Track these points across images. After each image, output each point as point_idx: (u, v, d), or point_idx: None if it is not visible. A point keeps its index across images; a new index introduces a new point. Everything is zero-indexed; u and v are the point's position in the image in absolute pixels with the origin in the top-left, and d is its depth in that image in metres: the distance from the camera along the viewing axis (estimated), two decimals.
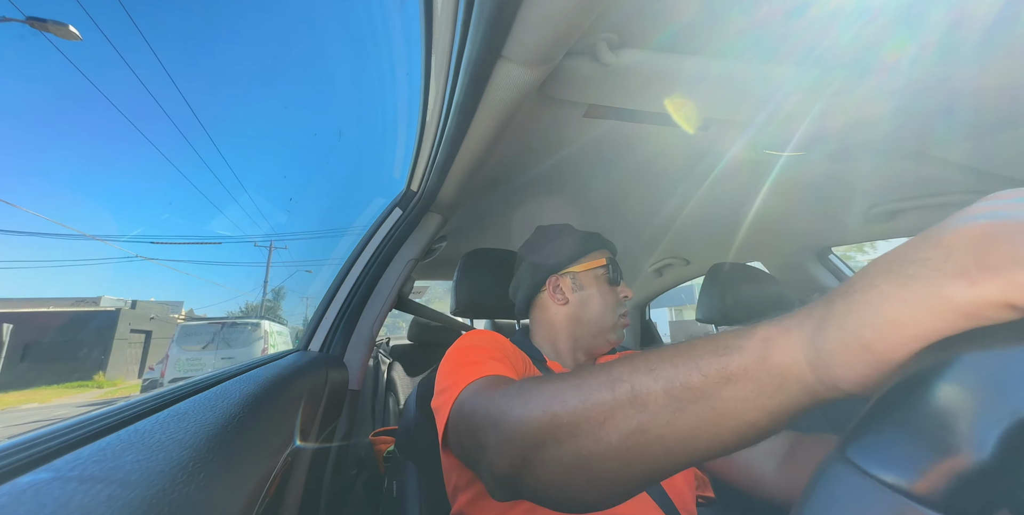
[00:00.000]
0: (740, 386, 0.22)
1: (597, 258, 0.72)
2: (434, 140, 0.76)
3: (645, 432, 0.25)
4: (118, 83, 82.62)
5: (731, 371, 0.22)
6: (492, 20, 0.42)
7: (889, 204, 1.03)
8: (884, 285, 0.18)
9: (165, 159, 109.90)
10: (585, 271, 0.72)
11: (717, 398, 0.22)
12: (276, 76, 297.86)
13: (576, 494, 0.29)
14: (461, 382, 0.47)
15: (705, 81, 0.56)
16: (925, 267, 0.17)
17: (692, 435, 0.24)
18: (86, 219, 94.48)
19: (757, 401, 0.22)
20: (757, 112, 0.67)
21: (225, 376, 0.52)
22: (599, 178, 1.01)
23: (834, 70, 0.55)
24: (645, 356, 0.28)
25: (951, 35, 0.50)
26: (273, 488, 0.38)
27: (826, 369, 0.20)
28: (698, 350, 0.25)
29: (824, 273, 1.41)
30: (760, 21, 0.49)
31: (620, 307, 0.71)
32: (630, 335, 2.27)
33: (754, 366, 0.22)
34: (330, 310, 0.94)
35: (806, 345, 0.21)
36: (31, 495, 0.18)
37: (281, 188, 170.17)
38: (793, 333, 0.22)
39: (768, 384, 0.21)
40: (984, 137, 0.70)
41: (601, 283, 0.71)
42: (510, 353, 0.61)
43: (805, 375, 0.21)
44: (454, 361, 0.55)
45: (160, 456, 0.24)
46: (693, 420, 0.23)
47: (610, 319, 0.69)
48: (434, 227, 1.04)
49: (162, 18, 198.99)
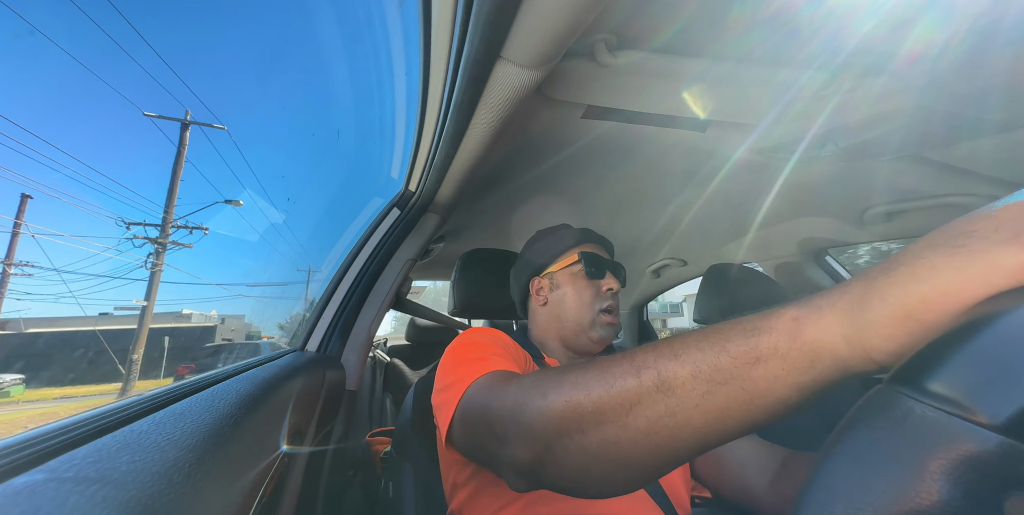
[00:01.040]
0: (771, 365, 0.22)
1: (571, 255, 0.71)
2: (432, 140, 0.76)
3: (674, 416, 0.25)
4: (113, 83, 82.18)
5: (761, 351, 0.23)
6: (491, 21, 0.42)
7: (885, 206, 1.03)
8: (932, 257, 0.19)
9: (165, 160, 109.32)
10: (561, 270, 0.72)
11: (747, 378, 0.23)
12: (274, 76, 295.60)
13: (602, 478, 0.29)
14: (467, 378, 0.47)
15: (703, 83, 0.56)
16: (974, 237, 0.18)
17: (723, 416, 0.24)
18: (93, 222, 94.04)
19: (788, 379, 0.22)
20: (753, 114, 0.67)
21: (222, 376, 0.51)
22: (597, 179, 1.01)
23: (830, 73, 0.55)
24: (669, 342, 0.28)
25: (949, 37, 0.50)
26: (270, 489, 0.38)
27: (865, 341, 0.20)
28: (724, 333, 0.25)
29: (820, 274, 1.42)
30: (757, 23, 0.49)
31: (600, 301, 0.67)
32: (627, 336, 2.27)
33: (785, 344, 0.22)
34: (327, 310, 0.93)
35: (843, 321, 0.21)
36: (26, 496, 0.18)
37: (279, 188, 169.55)
38: (826, 311, 0.22)
39: (800, 361, 0.22)
40: (980, 140, 0.70)
41: (577, 279, 0.69)
42: (512, 349, 0.60)
43: (839, 350, 0.21)
44: (456, 358, 0.54)
45: (156, 457, 0.24)
46: (723, 401, 0.23)
47: (587, 315, 0.67)
48: (432, 227, 1.04)
49: (159, 18, 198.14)
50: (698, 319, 1.24)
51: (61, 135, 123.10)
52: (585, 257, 0.69)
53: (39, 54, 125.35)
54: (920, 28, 0.49)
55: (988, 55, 0.52)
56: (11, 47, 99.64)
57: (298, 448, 0.53)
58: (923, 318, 0.19)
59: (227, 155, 23.12)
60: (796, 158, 0.82)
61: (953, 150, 0.76)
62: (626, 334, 2.28)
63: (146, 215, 11.32)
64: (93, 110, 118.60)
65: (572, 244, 0.72)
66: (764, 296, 1.17)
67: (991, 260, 0.17)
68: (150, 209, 14.35)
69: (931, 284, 0.18)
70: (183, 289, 16.59)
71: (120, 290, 24.16)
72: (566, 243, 0.73)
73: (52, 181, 14.69)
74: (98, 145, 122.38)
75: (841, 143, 0.73)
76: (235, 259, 24.52)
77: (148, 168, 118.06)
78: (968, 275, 0.17)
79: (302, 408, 0.54)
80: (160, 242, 9.23)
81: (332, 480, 0.84)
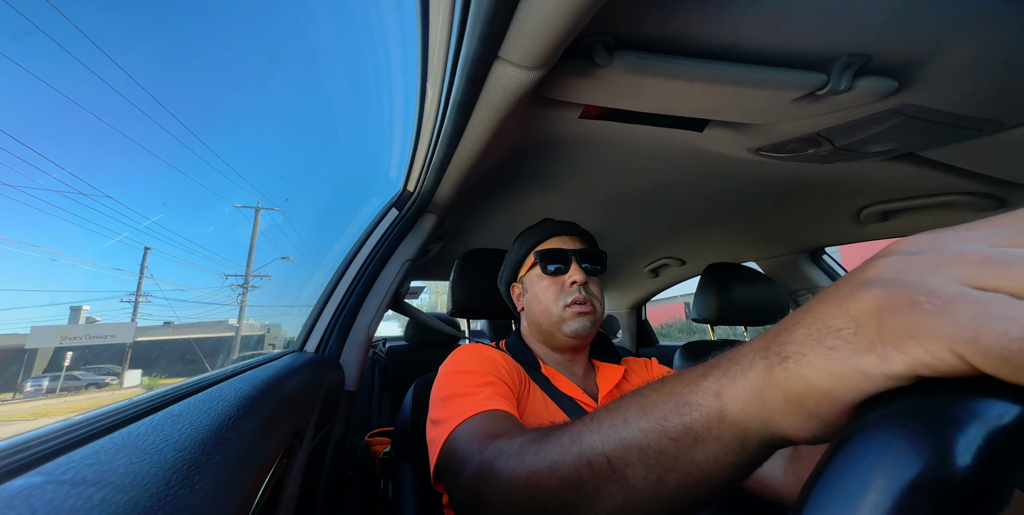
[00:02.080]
0: (709, 447, 0.22)
1: (531, 257, 0.71)
2: (430, 141, 0.76)
3: (631, 506, 0.25)
4: (109, 84, 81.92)
5: (697, 432, 0.22)
6: (488, 21, 0.42)
7: (882, 205, 1.04)
8: (811, 356, 0.18)
9: (167, 161, 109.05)
10: (527, 273, 0.72)
11: (691, 463, 0.22)
12: (272, 76, 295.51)
13: None
14: (455, 418, 0.47)
15: (700, 82, 0.57)
16: (840, 339, 0.17)
17: (676, 501, 0.24)
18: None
19: (727, 459, 0.22)
20: (751, 113, 0.67)
21: (220, 377, 0.51)
22: (594, 179, 1.02)
23: (827, 72, 0.56)
24: (610, 415, 0.27)
25: (948, 35, 0.51)
26: (269, 490, 0.38)
27: (781, 428, 0.20)
28: (660, 409, 0.24)
29: (818, 273, 1.42)
30: (756, 22, 0.49)
31: (565, 296, 0.66)
32: (626, 335, 2.28)
33: (715, 425, 0.22)
34: (326, 311, 0.93)
35: (756, 404, 0.20)
36: (23, 499, 0.18)
37: (277, 188, 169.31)
38: (740, 387, 0.21)
39: (732, 442, 0.21)
40: (976, 138, 0.70)
41: (541, 279, 0.69)
42: (503, 369, 0.60)
43: (762, 432, 0.20)
44: (448, 388, 0.55)
45: (154, 458, 0.24)
46: (674, 489, 0.23)
47: (555, 313, 0.66)
48: (430, 227, 1.04)
49: (158, 19, 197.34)
50: (696, 318, 1.24)
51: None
52: (540, 255, 0.69)
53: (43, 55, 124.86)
54: (919, 26, 0.49)
55: (982, 50, 0.52)
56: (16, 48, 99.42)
57: (297, 449, 0.53)
58: (819, 414, 0.18)
59: (224, 155, 37.11)
60: (793, 157, 0.82)
61: (949, 149, 0.76)
62: (625, 333, 2.28)
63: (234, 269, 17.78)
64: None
65: (533, 244, 0.72)
66: (762, 295, 1.17)
67: (859, 368, 0.16)
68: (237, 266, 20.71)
69: (817, 386, 0.18)
70: (252, 310, 22.62)
71: (218, 312, 36.45)
72: (529, 244, 0.73)
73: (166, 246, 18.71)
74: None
75: (838, 142, 0.74)
76: (283, 289, 28.82)
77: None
78: (847, 381, 0.17)
79: (301, 409, 0.54)
80: (244, 286, 16.48)
81: (331, 481, 0.84)
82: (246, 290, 16.25)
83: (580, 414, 0.61)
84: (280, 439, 0.42)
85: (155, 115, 71.47)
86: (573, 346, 0.68)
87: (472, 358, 0.61)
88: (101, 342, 15.11)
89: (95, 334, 16.04)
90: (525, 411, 0.59)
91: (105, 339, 15.08)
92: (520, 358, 0.68)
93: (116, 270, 44.61)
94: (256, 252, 16.30)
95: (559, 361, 0.70)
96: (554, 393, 0.63)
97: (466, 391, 0.52)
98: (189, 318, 37.14)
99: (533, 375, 0.65)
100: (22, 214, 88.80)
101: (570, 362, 0.70)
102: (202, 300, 39.84)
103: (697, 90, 0.59)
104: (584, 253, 0.69)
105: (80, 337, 15.23)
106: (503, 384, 0.56)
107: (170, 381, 0.53)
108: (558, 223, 0.73)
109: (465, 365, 0.59)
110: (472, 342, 1.06)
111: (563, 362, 0.70)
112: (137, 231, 54.87)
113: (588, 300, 0.66)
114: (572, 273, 0.66)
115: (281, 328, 26.40)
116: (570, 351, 0.69)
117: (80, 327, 17.27)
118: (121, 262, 58.13)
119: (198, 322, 29.05)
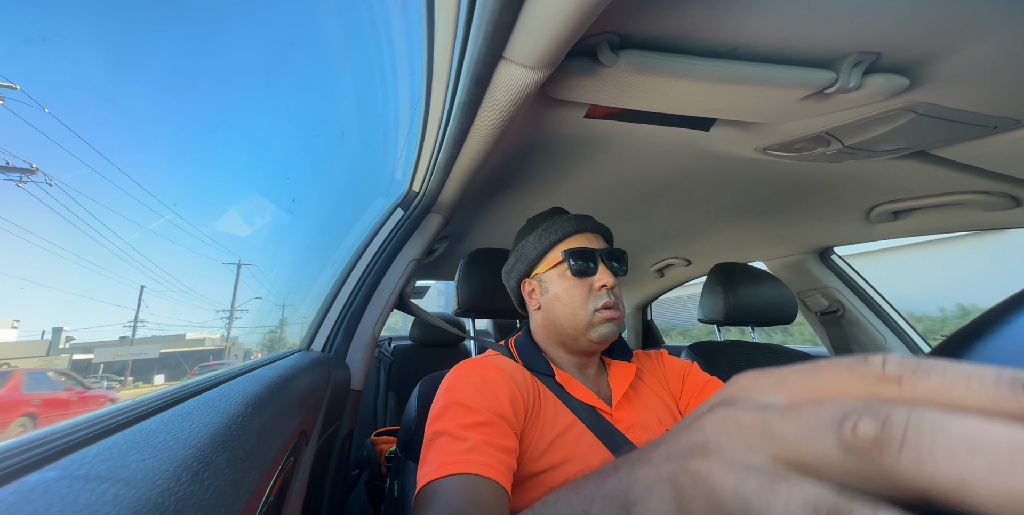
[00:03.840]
0: None
1: (555, 254, 0.66)
2: (436, 141, 0.76)
3: None
4: (117, 85, 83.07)
5: None
6: (493, 22, 0.42)
7: (892, 204, 1.03)
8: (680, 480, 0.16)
9: (166, 161, 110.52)
10: (548, 271, 0.67)
11: None
12: (278, 78, 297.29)
13: None
14: (434, 467, 0.46)
15: (706, 81, 0.56)
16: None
17: None
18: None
19: None
20: (758, 112, 0.67)
21: (229, 376, 0.52)
22: (599, 179, 1.01)
23: (835, 70, 0.55)
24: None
25: (952, 33, 0.50)
26: (276, 487, 0.39)
27: None
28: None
29: (826, 273, 1.41)
30: (763, 20, 0.49)
31: (595, 300, 0.62)
32: (631, 335, 2.27)
33: None
34: (332, 310, 0.94)
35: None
36: (39, 493, 0.19)
37: (284, 189, 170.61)
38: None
39: None
40: (991, 136, 0.69)
41: (565, 279, 0.64)
42: (504, 398, 0.55)
43: None
44: (440, 420, 0.52)
45: (165, 455, 0.24)
46: None
47: (582, 317, 0.62)
48: (436, 227, 1.04)
49: (165, 21, 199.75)
50: (702, 318, 1.23)
51: None
52: (570, 254, 0.64)
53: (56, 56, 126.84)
54: (931, 23, 0.48)
55: (998, 48, 0.51)
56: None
57: (304, 447, 0.54)
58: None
59: (233, 157, 38.57)
60: (801, 156, 0.81)
61: (962, 147, 0.75)
62: (630, 334, 2.27)
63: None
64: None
65: (556, 240, 0.67)
66: (769, 295, 1.16)
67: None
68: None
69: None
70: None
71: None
72: (550, 239, 0.67)
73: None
74: None
75: (847, 141, 0.73)
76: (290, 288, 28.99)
77: None
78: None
79: (308, 407, 0.55)
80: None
81: (338, 479, 0.85)
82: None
83: (596, 421, 0.60)
84: (287, 437, 0.42)
85: (162, 116, 71.80)
86: (594, 350, 0.65)
87: (472, 383, 0.57)
88: (137, 357, 22.20)
89: (135, 352, 23.47)
90: (537, 426, 0.57)
91: (140, 355, 22.54)
92: (532, 365, 0.65)
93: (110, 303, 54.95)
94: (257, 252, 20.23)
95: (572, 364, 0.67)
96: (569, 401, 0.61)
97: (455, 432, 0.50)
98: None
99: (547, 383, 0.63)
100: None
101: (583, 364, 0.68)
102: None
103: (703, 89, 0.58)
104: (610, 253, 0.65)
105: (124, 354, 22.61)
106: (500, 422, 0.52)
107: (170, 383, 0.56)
108: (580, 218, 0.68)
109: (460, 396, 0.55)
110: (477, 342, 1.06)
111: (576, 364, 0.67)
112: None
113: (616, 304, 0.63)
114: (601, 276, 0.62)
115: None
116: (588, 354, 0.67)
117: (124, 347, 25.59)
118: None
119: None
